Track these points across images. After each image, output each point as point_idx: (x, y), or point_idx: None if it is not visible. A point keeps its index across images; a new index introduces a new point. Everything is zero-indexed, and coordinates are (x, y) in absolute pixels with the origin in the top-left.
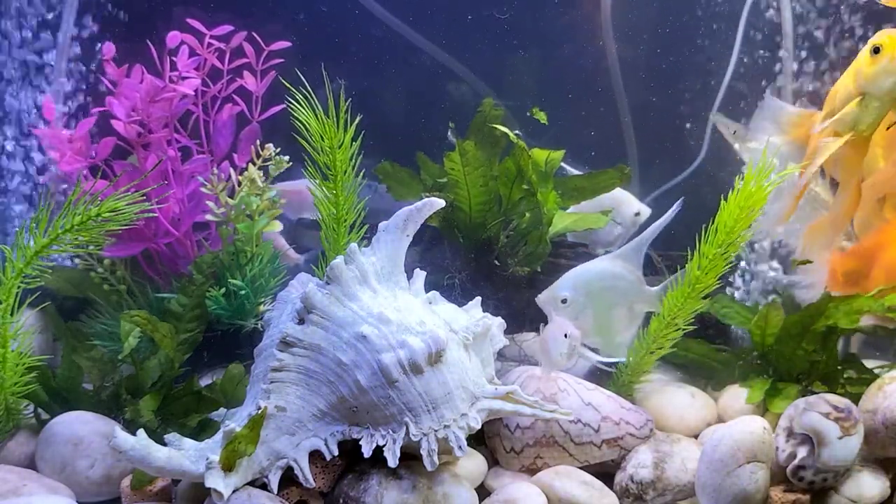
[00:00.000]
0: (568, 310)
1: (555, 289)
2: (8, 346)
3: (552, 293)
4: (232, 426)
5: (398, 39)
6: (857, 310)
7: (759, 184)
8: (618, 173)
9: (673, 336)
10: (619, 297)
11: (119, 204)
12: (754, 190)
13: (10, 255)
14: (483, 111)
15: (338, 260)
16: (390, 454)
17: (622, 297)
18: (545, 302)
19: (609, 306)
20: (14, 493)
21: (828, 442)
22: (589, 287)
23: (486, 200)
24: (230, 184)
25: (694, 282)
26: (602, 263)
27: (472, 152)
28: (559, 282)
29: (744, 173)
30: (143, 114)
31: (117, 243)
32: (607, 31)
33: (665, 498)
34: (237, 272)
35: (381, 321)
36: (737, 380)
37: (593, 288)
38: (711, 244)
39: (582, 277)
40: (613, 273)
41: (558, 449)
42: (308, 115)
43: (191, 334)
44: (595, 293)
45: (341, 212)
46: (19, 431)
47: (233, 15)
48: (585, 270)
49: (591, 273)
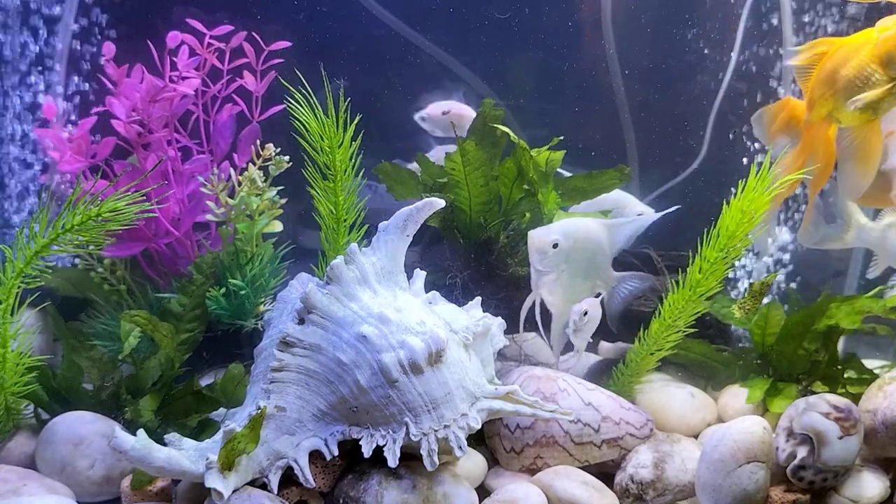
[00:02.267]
0: (554, 256)
1: (549, 229)
2: (8, 346)
3: (545, 232)
4: (232, 426)
5: (398, 39)
6: (858, 310)
7: (760, 189)
8: (618, 174)
9: (673, 338)
10: (590, 267)
11: (119, 204)
12: (755, 195)
13: (10, 255)
14: (483, 111)
15: (338, 260)
16: (390, 454)
17: (592, 268)
18: (536, 238)
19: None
20: (14, 493)
21: (828, 442)
22: (577, 241)
23: (486, 201)
24: (230, 184)
25: (695, 285)
26: (593, 224)
27: (472, 152)
28: (555, 224)
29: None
30: (143, 114)
31: (117, 243)
32: (607, 31)
33: (665, 498)
34: (237, 272)
35: (382, 321)
36: (737, 380)
37: (579, 245)
38: (713, 248)
39: (576, 229)
40: (598, 240)
41: (558, 449)
42: (308, 115)
43: (191, 334)
44: (578, 251)
45: (341, 212)
46: (19, 431)
47: (233, 15)
48: (580, 223)
49: (582, 229)
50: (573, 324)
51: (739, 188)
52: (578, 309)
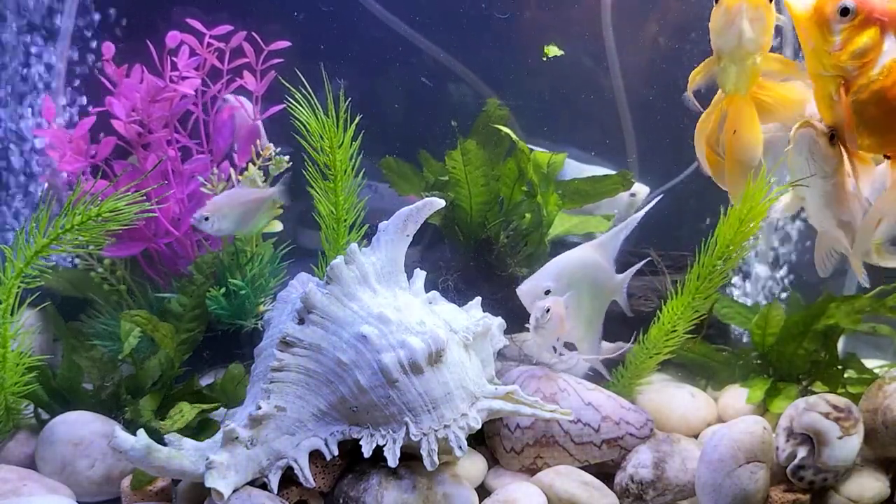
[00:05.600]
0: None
1: (537, 279)
2: (8, 346)
3: (534, 283)
4: (232, 426)
5: (398, 40)
6: (858, 310)
7: (757, 198)
8: (620, 178)
9: (673, 343)
10: (596, 288)
11: (119, 204)
12: (753, 204)
13: (11, 255)
14: (487, 111)
15: (338, 260)
16: (390, 454)
17: (599, 287)
18: (527, 293)
19: (589, 297)
20: (14, 493)
21: (828, 442)
22: (571, 277)
23: (486, 200)
24: (230, 184)
25: (693, 291)
26: (581, 252)
27: (473, 151)
28: (541, 272)
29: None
30: (143, 114)
31: (117, 243)
32: (607, 30)
33: (665, 498)
34: (237, 272)
35: (382, 321)
36: (737, 380)
37: (575, 277)
38: (711, 255)
39: (564, 267)
40: (594, 262)
41: (558, 449)
42: (308, 115)
43: (191, 334)
44: (576, 283)
45: (341, 212)
46: (19, 431)
47: (232, 15)
48: (567, 260)
49: (572, 262)
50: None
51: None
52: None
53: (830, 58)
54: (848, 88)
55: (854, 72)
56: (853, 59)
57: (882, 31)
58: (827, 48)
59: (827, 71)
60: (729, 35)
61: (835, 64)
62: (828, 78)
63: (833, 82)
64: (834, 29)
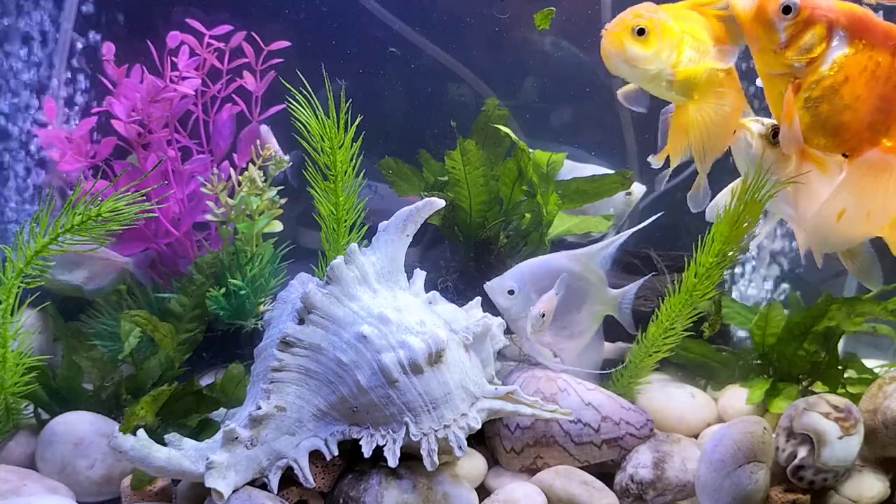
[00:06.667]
0: (514, 301)
1: (503, 278)
2: (8, 346)
3: (500, 282)
4: (232, 426)
5: (398, 39)
6: (859, 312)
7: (753, 195)
8: (619, 178)
9: (671, 341)
10: (577, 298)
11: (119, 204)
12: (749, 202)
13: (11, 254)
14: (487, 111)
15: (338, 260)
16: (390, 454)
17: (581, 299)
18: (492, 290)
19: (567, 307)
20: (14, 493)
21: (828, 442)
22: (537, 281)
23: (486, 200)
24: (230, 184)
25: (691, 289)
26: (558, 259)
27: (473, 151)
28: (509, 272)
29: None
30: (143, 114)
31: (117, 243)
32: None
33: (665, 498)
34: (237, 272)
35: (382, 321)
36: (737, 380)
37: (542, 284)
38: (708, 253)
39: (532, 271)
40: (573, 272)
41: (558, 449)
42: (308, 116)
43: (191, 334)
44: (544, 289)
45: (341, 212)
46: (19, 431)
47: (232, 15)
48: (537, 264)
49: (542, 267)
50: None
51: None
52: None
53: (777, 56)
54: (798, 87)
55: (802, 69)
56: (799, 55)
57: (829, 28)
58: (772, 47)
59: (775, 70)
60: (616, 71)
61: (782, 62)
62: (778, 77)
63: (783, 81)
64: (778, 27)
